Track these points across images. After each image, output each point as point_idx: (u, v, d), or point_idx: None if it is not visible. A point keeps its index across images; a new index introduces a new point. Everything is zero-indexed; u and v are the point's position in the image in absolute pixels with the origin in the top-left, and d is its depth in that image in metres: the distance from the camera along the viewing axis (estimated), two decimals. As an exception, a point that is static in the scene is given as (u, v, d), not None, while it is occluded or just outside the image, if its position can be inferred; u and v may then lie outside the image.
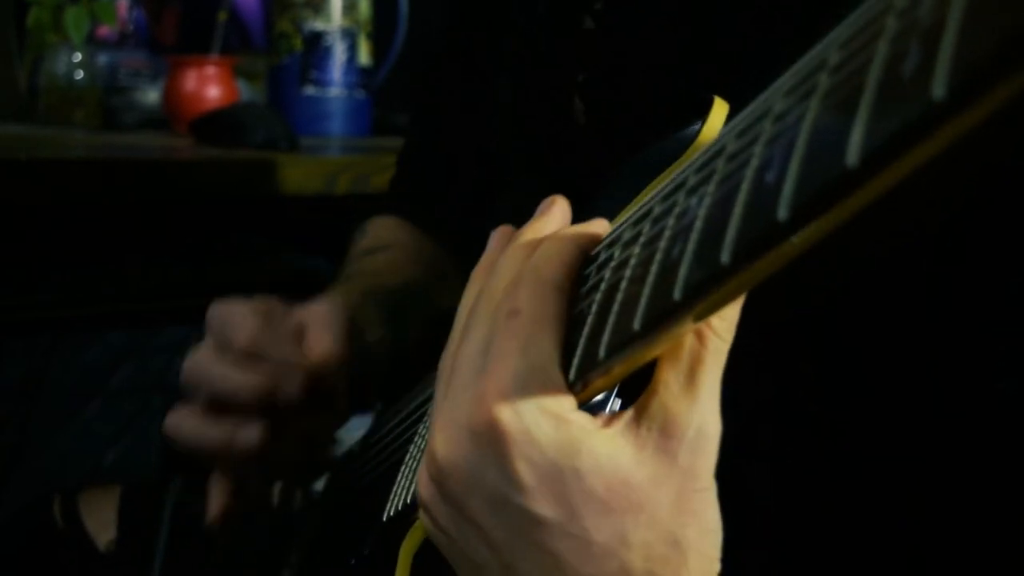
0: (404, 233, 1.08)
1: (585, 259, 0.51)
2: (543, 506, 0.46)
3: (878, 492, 0.66)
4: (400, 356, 0.90)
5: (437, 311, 0.56)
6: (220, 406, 0.80)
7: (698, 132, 0.56)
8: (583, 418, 0.47)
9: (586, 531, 0.45)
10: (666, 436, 0.46)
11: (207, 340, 0.82)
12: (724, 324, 0.46)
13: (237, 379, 0.79)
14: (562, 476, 0.45)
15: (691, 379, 0.46)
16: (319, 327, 0.81)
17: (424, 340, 0.53)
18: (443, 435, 0.48)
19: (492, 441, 0.46)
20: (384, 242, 1.07)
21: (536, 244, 0.52)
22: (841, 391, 0.66)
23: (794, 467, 0.67)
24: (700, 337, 0.46)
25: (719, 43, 0.70)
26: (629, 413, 0.47)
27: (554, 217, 0.55)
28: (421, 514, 0.53)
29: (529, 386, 0.46)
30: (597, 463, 0.45)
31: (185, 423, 0.82)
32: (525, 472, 0.45)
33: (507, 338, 0.47)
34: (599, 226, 0.53)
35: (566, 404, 0.47)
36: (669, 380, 0.46)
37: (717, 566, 0.48)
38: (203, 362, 0.81)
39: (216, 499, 0.84)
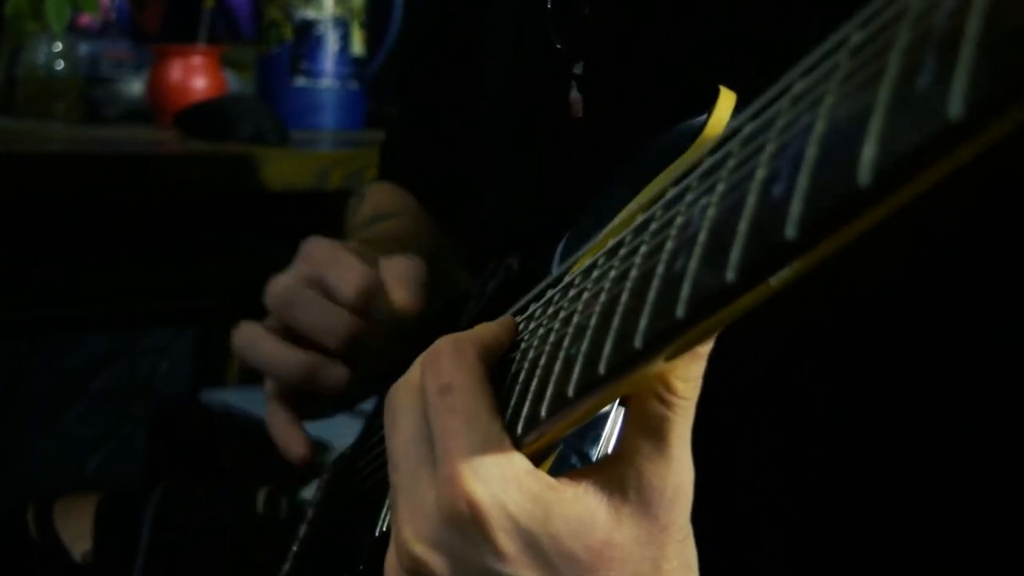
0: (408, 201, 1.07)
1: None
2: (530, 572, 0.48)
3: (885, 497, 0.66)
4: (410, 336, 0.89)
5: (454, 288, 0.58)
6: (303, 336, 0.82)
7: (704, 125, 0.54)
8: (544, 480, 0.49)
9: None
10: (644, 500, 0.48)
11: (302, 266, 0.84)
12: (688, 384, 0.47)
13: (340, 322, 0.81)
14: (540, 543, 0.47)
15: (662, 442, 0.48)
16: (400, 282, 0.83)
17: (439, 320, 0.57)
18: (412, 527, 0.50)
19: (471, 519, 0.48)
20: (390, 209, 1.05)
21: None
22: (849, 398, 0.66)
23: (799, 470, 0.67)
24: (665, 402, 0.47)
25: (726, 31, 0.69)
26: (601, 472, 0.49)
27: None
28: None
29: (485, 458, 0.48)
30: (570, 527, 0.48)
31: (262, 343, 0.83)
32: (506, 543, 0.47)
33: (446, 415, 0.49)
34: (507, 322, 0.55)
35: (523, 465, 0.49)
36: (640, 446, 0.48)
37: None
38: (300, 292, 0.82)
39: (278, 413, 0.85)
